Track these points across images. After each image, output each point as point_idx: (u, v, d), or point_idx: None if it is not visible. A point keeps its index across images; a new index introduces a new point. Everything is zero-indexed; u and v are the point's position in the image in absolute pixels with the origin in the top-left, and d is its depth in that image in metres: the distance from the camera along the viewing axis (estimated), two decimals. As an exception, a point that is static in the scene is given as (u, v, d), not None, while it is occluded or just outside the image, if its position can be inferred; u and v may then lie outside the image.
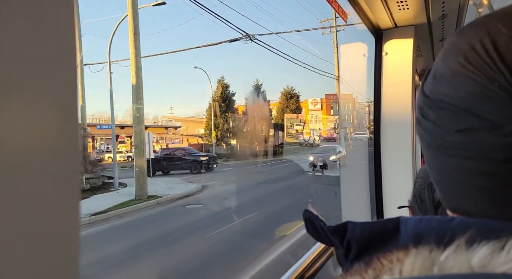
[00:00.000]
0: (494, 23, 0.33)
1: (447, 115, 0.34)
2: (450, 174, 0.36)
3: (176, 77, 57.02)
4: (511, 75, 0.30)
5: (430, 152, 0.38)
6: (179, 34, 52.79)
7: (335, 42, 27.59)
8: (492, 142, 0.31)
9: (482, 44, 0.32)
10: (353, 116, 41.52)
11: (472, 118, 0.32)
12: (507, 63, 0.30)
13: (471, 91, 0.32)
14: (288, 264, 3.70)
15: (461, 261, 0.25)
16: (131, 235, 8.14)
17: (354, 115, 42.77)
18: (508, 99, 0.30)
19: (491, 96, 0.31)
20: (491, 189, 0.33)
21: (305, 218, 0.48)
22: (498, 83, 0.30)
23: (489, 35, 0.32)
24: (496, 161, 0.31)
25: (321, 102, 44.95)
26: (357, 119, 38.33)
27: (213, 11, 14.74)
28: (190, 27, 52.43)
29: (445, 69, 0.35)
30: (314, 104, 45.23)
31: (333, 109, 43.81)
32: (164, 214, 10.29)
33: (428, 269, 0.25)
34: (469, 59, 0.33)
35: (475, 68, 0.32)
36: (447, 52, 0.36)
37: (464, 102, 0.32)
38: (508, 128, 0.30)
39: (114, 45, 27.76)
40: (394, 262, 0.28)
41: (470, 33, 0.34)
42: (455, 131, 0.33)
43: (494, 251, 0.25)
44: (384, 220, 0.38)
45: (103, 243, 7.28)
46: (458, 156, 0.34)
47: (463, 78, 0.33)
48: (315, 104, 45.66)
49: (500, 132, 0.30)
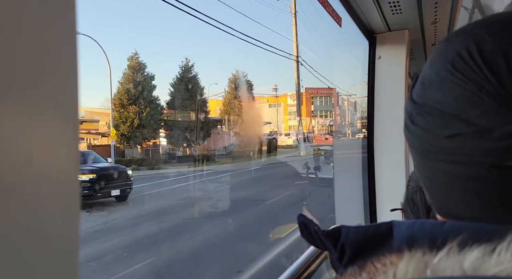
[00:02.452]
0: (480, 31, 0.34)
1: (436, 121, 0.35)
2: (439, 179, 0.36)
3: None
4: (497, 81, 0.31)
5: (418, 157, 0.39)
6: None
7: (293, 9, 22.60)
8: (481, 146, 0.31)
9: (468, 52, 0.33)
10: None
11: (460, 124, 0.32)
12: (493, 70, 0.31)
13: (459, 97, 0.33)
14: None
15: (453, 264, 0.25)
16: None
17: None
18: (495, 104, 0.31)
19: (478, 102, 0.31)
20: (481, 193, 0.33)
21: (300, 222, 0.48)
22: (485, 90, 0.31)
23: (475, 43, 0.33)
24: (485, 166, 0.32)
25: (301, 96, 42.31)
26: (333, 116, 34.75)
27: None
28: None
29: (433, 76, 0.36)
30: (293, 99, 39.85)
31: (313, 104, 40.46)
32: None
33: (421, 272, 0.26)
34: (456, 66, 0.34)
35: (462, 75, 0.33)
36: (434, 59, 0.37)
37: (452, 108, 0.33)
38: (496, 133, 0.30)
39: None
40: (388, 265, 0.28)
41: (457, 41, 0.35)
42: (444, 137, 0.34)
43: (485, 254, 0.25)
44: (377, 224, 0.38)
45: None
46: (447, 161, 0.34)
47: (451, 85, 0.33)
48: (294, 99, 39.50)
49: (489, 137, 0.31)
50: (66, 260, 0.27)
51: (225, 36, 36.54)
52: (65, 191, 0.27)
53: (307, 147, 23.41)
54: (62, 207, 0.26)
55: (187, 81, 19.03)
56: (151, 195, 10.17)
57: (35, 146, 0.24)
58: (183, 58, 21.19)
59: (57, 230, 0.26)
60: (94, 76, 23.62)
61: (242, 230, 7.26)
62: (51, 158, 0.26)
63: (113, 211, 8.33)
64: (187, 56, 24.79)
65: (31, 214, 0.24)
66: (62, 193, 0.26)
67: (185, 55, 27.03)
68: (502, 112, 0.30)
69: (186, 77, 19.20)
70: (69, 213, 0.27)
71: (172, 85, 19.18)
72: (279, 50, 24.47)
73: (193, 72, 19.55)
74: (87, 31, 19.21)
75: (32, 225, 0.24)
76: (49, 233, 0.26)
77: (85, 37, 12.31)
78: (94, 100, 38.40)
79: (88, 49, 13.48)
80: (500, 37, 0.32)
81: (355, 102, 38.85)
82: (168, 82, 19.35)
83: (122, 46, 37.01)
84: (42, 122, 0.25)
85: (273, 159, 19.05)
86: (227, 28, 20.82)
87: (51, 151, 0.26)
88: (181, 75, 19.21)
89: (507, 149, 0.30)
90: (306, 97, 39.87)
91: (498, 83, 0.31)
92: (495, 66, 0.31)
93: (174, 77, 19.27)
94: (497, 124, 0.31)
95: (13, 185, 0.23)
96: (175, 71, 21.15)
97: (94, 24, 25.32)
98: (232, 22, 26.97)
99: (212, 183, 11.78)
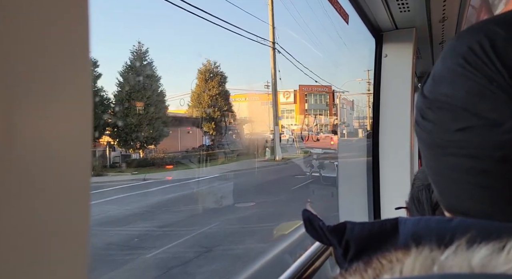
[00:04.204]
0: (491, 26, 0.34)
1: (447, 114, 0.35)
2: (448, 174, 0.36)
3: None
4: (509, 75, 0.31)
5: (428, 152, 0.38)
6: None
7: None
8: (491, 139, 0.31)
9: (480, 46, 0.33)
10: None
11: (471, 117, 0.32)
12: (505, 63, 0.31)
13: (470, 91, 0.33)
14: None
15: (461, 261, 0.25)
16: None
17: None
18: (506, 97, 0.31)
19: (489, 95, 0.31)
20: (490, 187, 0.33)
21: (304, 218, 0.48)
22: (496, 83, 0.31)
23: (487, 37, 0.33)
24: (495, 159, 0.31)
25: (294, 94, 38.37)
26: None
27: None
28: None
29: (444, 71, 0.36)
30: (287, 97, 38.49)
31: (307, 103, 38.43)
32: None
33: (428, 269, 0.26)
34: (468, 60, 0.34)
35: (474, 69, 0.33)
36: (446, 55, 0.37)
37: (463, 102, 0.33)
38: (507, 126, 0.30)
39: None
40: (394, 262, 0.28)
41: (469, 36, 0.35)
42: (454, 130, 0.34)
43: (494, 252, 0.25)
44: (383, 220, 0.38)
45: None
46: (457, 155, 0.34)
47: (462, 79, 0.33)
48: (287, 97, 38.61)
49: (499, 130, 0.31)
50: (75, 259, 0.28)
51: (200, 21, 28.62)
52: (77, 185, 0.27)
53: (292, 148, 20.99)
54: (73, 200, 0.27)
55: (139, 69, 15.21)
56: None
57: (49, 146, 0.25)
58: (136, 43, 15.95)
59: (67, 229, 0.27)
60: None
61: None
62: (65, 157, 0.26)
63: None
64: (141, 40, 18.75)
65: (42, 212, 0.25)
66: (74, 186, 0.27)
67: (138, 39, 21.40)
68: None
69: (137, 65, 15.47)
70: (80, 212, 0.28)
71: (121, 74, 15.28)
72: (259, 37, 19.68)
73: (148, 59, 15.67)
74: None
75: (42, 224, 0.25)
76: (59, 232, 0.26)
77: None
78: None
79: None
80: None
81: (352, 101, 37.57)
82: (117, 71, 15.46)
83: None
84: (57, 121, 0.25)
85: (245, 164, 16.06)
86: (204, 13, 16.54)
87: (65, 150, 0.26)
88: (132, 62, 15.52)
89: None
90: (300, 95, 38.28)
91: (510, 77, 0.31)
92: (507, 59, 0.31)
93: (123, 65, 15.37)
94: (507, 117, 0.30)
95: (31, 177, 0.23)
96: (126, 57, 16.85)
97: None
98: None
99: (118, 204, 8.57)
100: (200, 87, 19.43)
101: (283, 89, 38.34)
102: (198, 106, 19.31)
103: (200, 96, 19.30)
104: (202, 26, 45.41)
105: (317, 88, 35.16)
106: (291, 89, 38.97)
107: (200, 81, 19.52)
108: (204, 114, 19.21)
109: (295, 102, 39.07)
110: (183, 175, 13.23)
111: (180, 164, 15.41)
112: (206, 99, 19.25)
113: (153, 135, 15.51)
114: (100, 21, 20.00)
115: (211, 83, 19.34)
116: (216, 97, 19.35)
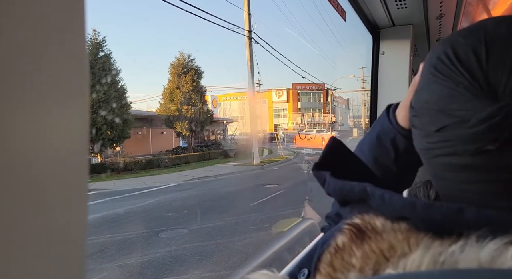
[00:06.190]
0: (455, 36, 0.39)
1: (426, 118, 0.39)
2: (439, 174, 0.39)
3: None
4: (471, 76, 0.35)
5: (422, 157, 0.42)
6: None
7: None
8: (463, 135, 0.35)
9: (446, 54, 0.38)
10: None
11: (445, 117, 0.36)
12: (466, 67, 0.35)
13: (441, 94, 0.37)
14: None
15: (469, 256, 0.26)
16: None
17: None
18: (470, 96, 0.34)
19: (457, 96, 0.35)
20: (474, 181, 0.36)
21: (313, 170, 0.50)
22: (462, 85, 0.35)
23: (451, 46, 0.38)
24: (470, 153, 0.34)
25: (287, 93, 37.37)
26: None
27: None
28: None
29: (423, 81, 0.41)
30: (279, 96, 37.69)
31: (301, 101, 37.61)
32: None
33: (436, 263, 0.26)
34: (437, 68, 0.38)
35: (442, 75, 0.37)
36: (423, 66, 0.42)
37: (437, 105, 0.37)
38: (473, 121, 0.34)
39: None
40: (397, 250, 0.29)
41: (438, 47, 0.40)
42: (433, 132, 0.38)
43: (502, 247, 0.26)
44: (351, 185, 0.41)
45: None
46: (441, 155, 0.37)
47: (435, 85, 0.38)
48: (280, 95, 37.86)
49: (467, 125, 0.34)
50: (74, 250, 0.28)
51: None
52: (74, 185, 0.27)
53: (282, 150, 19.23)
54: (71, 200, 0.27)
55: (92, 61, 12.87)
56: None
57: (47, 146, 0.25)
58: (91, 31, 13.35)
59: (65, 229, 0.26)
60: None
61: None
62: (61, 157, 0.26)
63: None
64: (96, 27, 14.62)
65: (40, 213, 0.25)
66: (71, 186, 0.27)
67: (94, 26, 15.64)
68: (476, 102, 0.34)
69: (94, 56, 13.23)
70: (77, 213, 0.28)
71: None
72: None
73: (106, 50, 13.76)
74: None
75: (40, 225, 0.25)
76: (57, 233, 0.26)
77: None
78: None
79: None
80: (470, 38, 0.36)
81: (347, 99, 37.18)
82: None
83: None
84: (54, 122, 0.25)
85: (217, 169, 14.59)
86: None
87: (62, 150, 0.26)
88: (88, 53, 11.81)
89: (483, 133, 0.33)
90: (293, 93, 37.46)
91: (471, 78, 0.35)
92: (468, 63, 0.35)
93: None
94: (473, 113, 0.34)
95: (28, 177, 0.23)
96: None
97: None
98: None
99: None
100: (173, 83, 17.75)
101: (276, 88, 38.02)
102: (170, 104, 17.56)
103: (172, 93, 17.59)
104: (193, 22, 44.74)
105: (311, 86, 34.52)
106: (283, 87, 38.26)
107: (173, 77, 17.81)
108: (177, 112, 17.39)
109: (288, 101, 38.26)
110: (136, 184, 11.34)
111: (143, 169, 13.75)
112: (179, 96, 17.45)
113: (111, 137, 13.63)
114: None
115: (184, 78, 17.56)
116: (190, 94, 17.56)
